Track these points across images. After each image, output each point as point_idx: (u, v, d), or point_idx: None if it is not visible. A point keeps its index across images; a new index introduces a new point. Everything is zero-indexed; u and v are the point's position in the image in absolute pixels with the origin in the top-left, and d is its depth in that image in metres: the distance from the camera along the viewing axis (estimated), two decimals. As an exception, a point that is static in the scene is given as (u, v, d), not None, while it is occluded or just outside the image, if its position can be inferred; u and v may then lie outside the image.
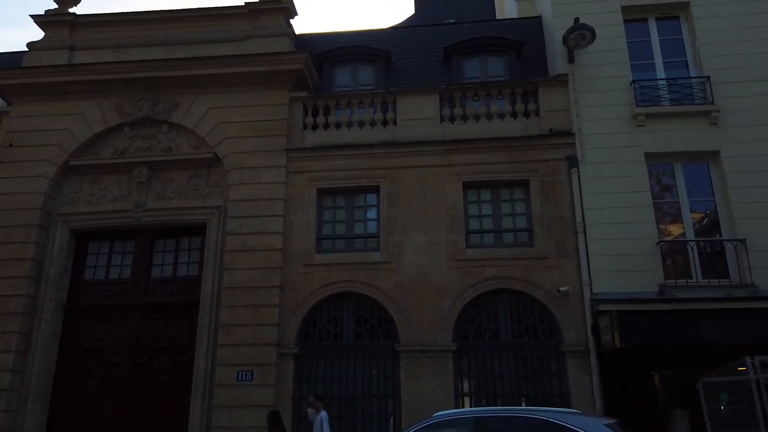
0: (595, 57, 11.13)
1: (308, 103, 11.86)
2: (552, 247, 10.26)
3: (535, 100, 11.24)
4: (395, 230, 10.73)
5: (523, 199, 10.81)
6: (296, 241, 10.88)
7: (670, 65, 11.32)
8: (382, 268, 10.53)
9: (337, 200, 11.36)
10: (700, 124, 10.50)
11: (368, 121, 11.56)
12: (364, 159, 11.24)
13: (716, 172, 10.40)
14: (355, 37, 13.63)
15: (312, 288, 10.58)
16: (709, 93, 10.63)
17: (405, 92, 11.64)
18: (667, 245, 10.07)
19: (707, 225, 10.41)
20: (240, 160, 11.39)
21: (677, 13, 11.56)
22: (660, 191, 10.60)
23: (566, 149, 10.76)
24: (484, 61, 12.60)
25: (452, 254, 10.43)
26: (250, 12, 12.51)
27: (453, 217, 10.67)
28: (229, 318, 10.41)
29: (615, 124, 10.71)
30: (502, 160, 10.88)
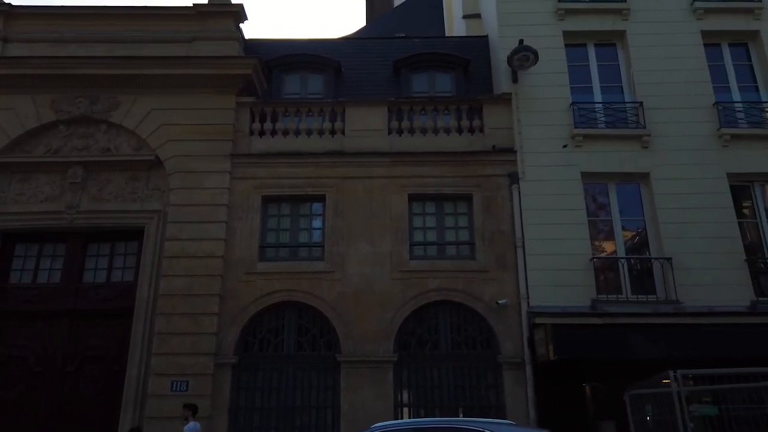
0: (537, 78, 11.55)
1: (255, 108, 11.72)
2: (492, 261, 10.52)
3: (479, 117, 11.54)
4: (340, 240, 10.73)
5: (466, 213, 11.05)
6: (238, 249, 10.69)
7: (606, 89, 11.87)
8: (325, 277, 10.49)
9: (282, 208, 11.25)
10: (632, 146, 11.05)
11: (316, 129, 11.54)
12: (311, 168, 11.20)
13: (646, 193, 10.97)
14: (305, 46, 13.61)
15: (253, 297, 10.41)
16: (641, 118, 11.21)
17: (354, 103, 11.69)
18: (599, 261, 10.52)
19: (638, 243, 10.95)
20: (183, 163, 11.11)
21: (614, 41, 12.16)
22: (595, 209, 11.08)
23: (508, 166, 11.08)
24: (432, 77, 12.84)
25: (396, 265, 10.52)
26: (198, 14, 12.28)
27: (398, 229, 10.77)
28: (165, 326, 10.09)
29: (554, 144, 11.13)
30: (446, 174, 11.09)
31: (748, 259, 10.28)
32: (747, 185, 10.99)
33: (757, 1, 11.92)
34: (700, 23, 11.90)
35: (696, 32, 11.83)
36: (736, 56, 11.98)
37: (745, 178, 10.92)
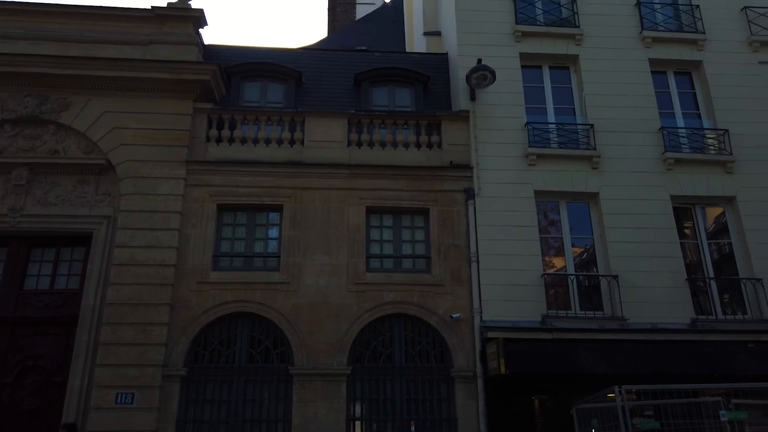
0: (494, 97, 11.83)
1: (213, 115, 11.56)
2: (447, 275, 10.66)
3: (438, 133, 11.72)
4: (296, 251, 10.65)
5: (423, 226, 11.17)
6: (191, 257, 10.47)
7: (560, 111, 12.26)
8: (280, 288, 10.38)
9: (237, 217, 11.09)
10: (583, 167, 11.45)
11: (275, 139, 11.46)
12: (269, 177, 11.10)
13: (595, 212, 11.36)
14: (266, 54, 13.52)
15: (205, 307, 10.20)
16: (592, 139, 11.64)
17: (314, 113, 11.69)
18: (550, 277, 10.81)
19: (587, 259, 11.31)
20: (135, 168, 10.83)
21: (568, 64, 12.60)
22: (547, 226, 11.40)
23: (464, 182, 11.28)
24: (393, 91, 12.97)
25: (352, 277, 10.52)
26: (157, 16, 12.03)
27: (355, 241, 10.78)
28: (110, 336, 9.75)
29: (509, 162, 11.41)
30: (404, 187, 11.20)
31: (689, 278, 10.77)
32: (689, 207, 11.54)
33: (701, 33, 12.60)
34: (647, 51, 12.48)
35: (644, 60, 12.40)
36: (680, 84, 12.61)
37: (687, 201, 11.47)
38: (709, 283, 10.95)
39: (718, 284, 10.98)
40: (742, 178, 11.44)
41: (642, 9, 12.77)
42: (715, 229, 11.61)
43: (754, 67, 12.42)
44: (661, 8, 13.00)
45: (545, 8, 12.84)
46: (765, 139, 11.75)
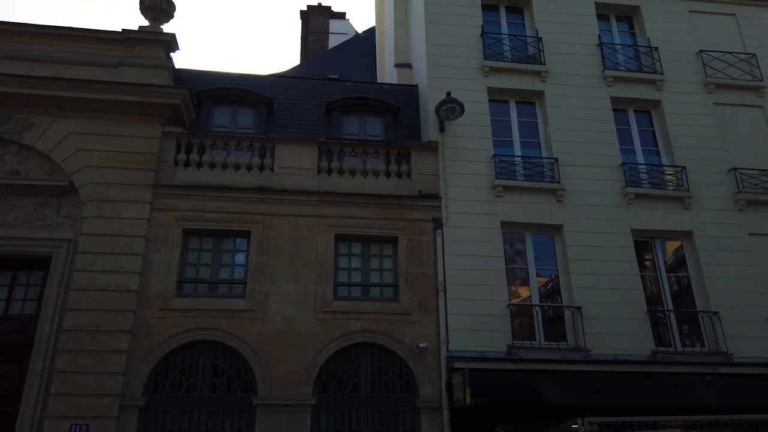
0: (463, 129, 12.08)
1: (182, 139, 11.47)
2: (415, 304, 10.68)
3: (407, 162, 11.87)
4: (263, 278, 10.54)
5: (392, 255, 11.21)
6: (154, 283, 10.25)
7: (526, 144, 12.58)
8: (245, 316, 10.22)
9: (204, 242, 10.94)
10: (548, 199, 11.72)
11: (245, 164, 11.41)
12: (237, 202, 11.02)
13: (559, 244, 11.60)
14: (238, 80, 13.55)
15: (167, 334, 9.95)
16: (556, 172, 11.95)
17: (285, 140, 11.71)
18: (515, 308, 10.94)
19: (552, 289, 11.50)
20: (99, 191, 10.62)
21: (534, 100, 12.98)
22: (513, 255, 11.57)
23: (433, 211, 11.40)
24: (364, 120, 13.12)
25: (319, 305, 10.45)
26: (127, 39, 11.96)
27: (323, 268, 10.73)
28: (66, 364, 9.41)
29: (477, 192, 11.60)
30: (373, 216, 11.26)
31: (649, 310, 11.04)
32: (649, 241, 11.90)
33: (659, 74, 13.17)
34: (609, 89, 12.96)
35: (606, 97, 12.87)
36: (640, 122, 13.10)
37: (647, 234, 11.82)
38: (668, 316, 11.24)
39: (677, 316, 11.28)
40: (698, 213, 11.87)
41: (604, 49, 13.31)
42: (674, 262, 11.97)
43: (709, 108, 13.02)
44: (622, 49, 13.57)
45: (512, 45, 13.26)
46: (720, 177, 12.26)
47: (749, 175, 12.25)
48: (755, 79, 13.38)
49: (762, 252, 11.69)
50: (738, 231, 11.81)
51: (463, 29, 13.12)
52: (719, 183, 12.20)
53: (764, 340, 10.89)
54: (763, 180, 12.24)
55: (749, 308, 11.10)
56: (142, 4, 12.29)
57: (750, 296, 11.20)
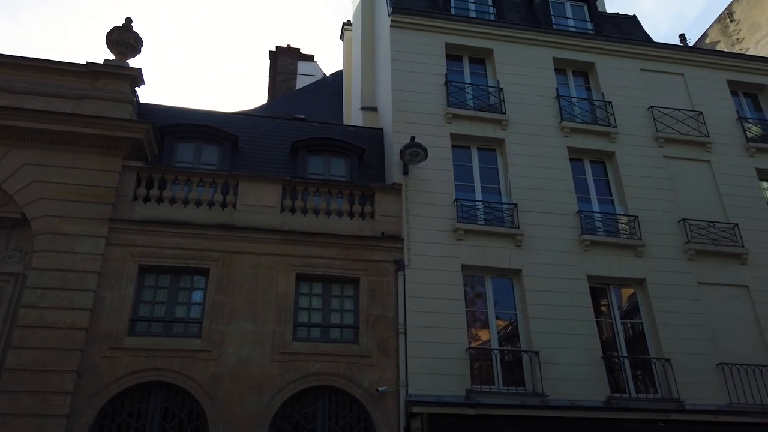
0: (426, 173, 12.31)
1: (143, 173, 11.31)
2: (375, 346, 10.59)
3: (371, 204, 11.96)
4: (220, 317, 10.31)
5: (353, 296, 11.15)
6: (106, 321, 9.90)
7: (486, 189, 12.87)
8: (200, 356, 9.93)
9: (160, 279, 10.68)
10: (507, 244, 11.95)
11: (206, 201, 11.30)
12: (197, 239, 10.85)
13: (518, 288, 11.78)
14: (204, 116, 13.53)
15: (117, 375, 9.56)
16: (516, 218, 12.22)
17: (249, 177, 11.68)
18: (475, 352, 10.97)
19: (511, 333, 11.60)
20: (53, 225, 10.30)
21: (495, 147, 13.37)
22: (474, 298, 11.67)
23: (395, 253, 11.46)
24: (329, 160, 13.23)
25: (277, 346, 10.25)
26: (91, 72, 11.87)
27: (282, 308, 10.58)
28: (6, 405, 8.91)
29: (438, 235, 11.75)
30: (336, 256, 11.23)
31: (604, 355, 11.23)
32: (604, 287, 12.20)
33: (613, 127, 13.79)
34: (566, 140, 13.48)
35: (563, 147, 13.36)
36: (596, 172, 13.61)
37: (602, 281, 12.13)
38: (622, 362, 11.45)
39: (630, 362, 11.50)
40: (651, 262, 12.28)
41: (561, 101, 13.89)
42: (629, 309, 12.29)
43: (660, 161, 13.65)
44: (578, 102, 14.20)
45: (475, 94, 13.71)
46: (671, 227, 12.76)
47: (698, 226, 12.80)
48: (702, 135, 14.13)
49: (710, 300, 12.12)
50: (687, 279, 12.24)
51: (427, 77, 13.52)
52: (670, 233, 12.70)
53: (714, 387, 11.18)
54: (711, 231, 12.81)
55: (699, 355, 11.41)
56: (109, 38, 12.27)
57: (700, 344, 11.54)
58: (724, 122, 14.50)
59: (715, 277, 12.39)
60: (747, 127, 14.59)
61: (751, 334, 11.92)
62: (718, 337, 11.73)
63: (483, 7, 16.06)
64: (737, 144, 14.26)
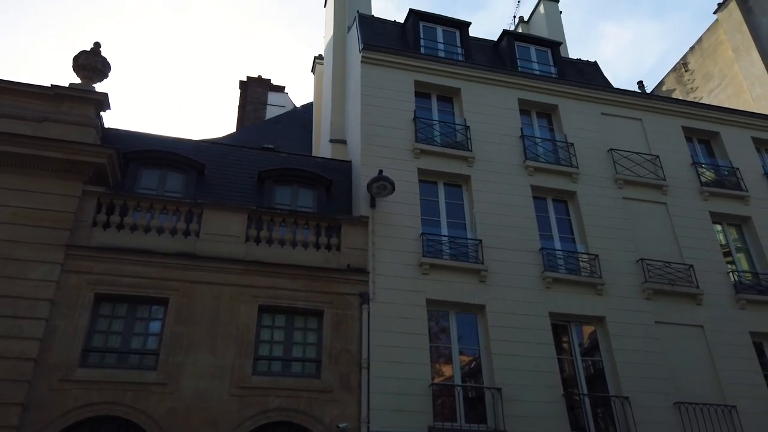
0: (393, 206, 12.38)
1: (104, 199, 11.06)
2: (337, 381, 10.41)
3: (337, 236, 11.93)
4: (178, 349, 10.00)
5: (316, 329, 10.99)
6: (57, 351, 9.49)
7: (452, 225, 13.01)
8: (155, 390, 9.58)
9: (117, 308, 10.34)
10: (472, 279, 12.03)
11: (169, 228, 11.08)
12: (157, 268, 10.59)
13: (482, 324, 11.82)
14: (170, 143, 13.37)
15: (65, 408, 9.13)
16: (480, 254, 12.35)
17: (213, 206, 11.52)
18: (438, 388, 10.89)
19: (475, 369, 11.58)
20: (6, 249, 9.93)
21: (461, 183, 13.58)
22: (438, 332, 11.65)
23: (360, 285, 11.40)
24: (296, 191, 13.18)
25: (236, 380, 9.97)
26: (56, 95, 11.66)
27: (243, 341, 10.34)
28: (-58, 441, 8.39)
29: (404, 269, 11.76)
30: (300, 288, 11.10)
31: (565, 393, 11.30)
32: (566, 324, 12.35)
33: (575, 168, 14.19)
34: (530, 178, 13.79)
35: (527, 186, 13.66)
36: (558, 210, 13.93)
37: (563, 318, 12.29)
38: (583, 399, 11.53)
39: (591, 400, 11.59)
40: (610, 300, 12.52)
41: (525, 141, 14.27)
42: (589, 346, 12.44)
43: (619, 201, 14.07)
44: (542, 142, 14.61)
45: (442, 131, 13.97)
46: (629, 266, 13.08)
47: (655, 266, 13.16)
48: (659, 179, 14.67)
49: (667, 339, 12.39)
50: (645, 318, 12.50)
51: (396, 112, 13.74)
52: (628, 272, 13.01)
53: (671, 426, 11.34)
54: (668, 271, 13.18)
55: (657, 394, 11.59)
56: (76, 62, 12.13)
57: (658, 382, 11.73)
58: (679, 166, 15.10)
59: (671, 317, 12.69)
60: (701, 172, 15.22)
61: (706, 373, 12.19)
62: (675, 376, 11.95)
63: (452, 47, 16.53)
64: (692, 188, 14.84)
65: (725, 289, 13.35)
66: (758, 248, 14.47)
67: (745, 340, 12.78)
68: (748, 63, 22.68)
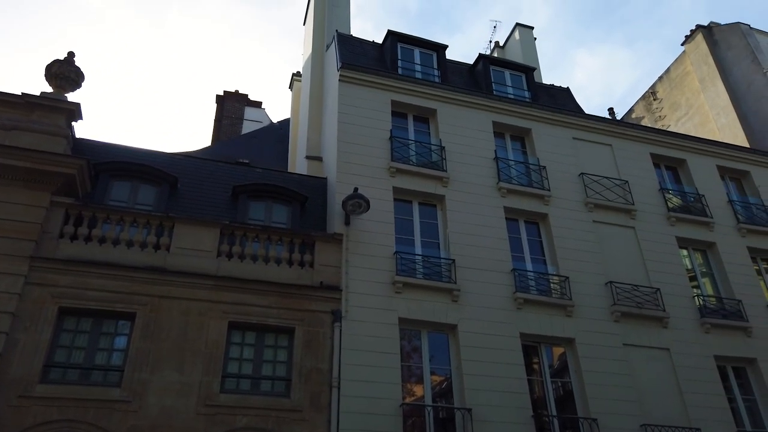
0: (368, 224, 12.39)
1: (72, 210, 10.82)
2: (306, 400, 10.27)
3: (311, 252, 11.86)
4: (144, 365, 9.76)
5: (287, 346, 10.86)
6: (16, 366, 9.18)
7: (426, 244, 13.06)
8: (119, 407, 9.31)
9: (81, 323, 10.07)
10: (444, 299, 12.06)
11: (139, 242, 10.88)
12: (125, 282, 10.37)
13: (453, 343, 11.83)
14: (143, 155, 13.20)
15: (23, 426, 8.81)
16: (453, 273, 12.41)
17: (185, 220, 11.37)
18: (408, 408, 10.83)
19: (445, 389, 11.55)
20: (-33, 260, 9.62)
21: (435, 203, 13.67)
22: (410, 352, 11.61)
23: (333, 303, 11.32)
24: (270, 207, 13.10)
25: (204, 398, 9.76)
26: (26, 103, 11.44)
27: (212, 358, 10.15)
28: None
29: (377, 287, 11.74)
30: (272, 304, 10.97)
31: (534, 414, 11.33)
32: (536, 345, 12.44)
33: (547, 191, 14.43)
34: (503, 200, 13.97)
35: (500, 207, 13.82)
36: (530, 232, 14.11)
37: (534, 339, 12.38)
38: (552, 421, 11.58)
39: (560, 422, 11.64)
40: (580, 322, 12.68)
41: (499, 163, 14.48)
42: (559, 368, 12.54)
43: (589, 225, 14.33)
44: (515, 165, 14.83)
45: (418, 151, 14.10)
46: (598, 289, 13.28)
47: (623, 289, 13.39)
48: (628, 203, 15.00)
49: (635, 362, 12.56)
50: (614, 341, 12.67)
51: (373, 131, 13.83)
52: (598, 294, 13.20)
53: (637, 447, 11.45)
54: (635, 294, 13.42)
55: (624, 416, 11.71)
56: (49, 71, 11.94)
57: (625, 404, 11.86)
58: (647, 192, 15.48)
59: (639, 339, 12.89)
60: (668, 198, 15.62)
61: (672, 396, 12.38)
62: (642, 399, 12.10)
63: (429, 69, 16.77)
64: (659, 213, 15.21)
65: (691, 313, 13.64)
66: (722, 273, 14.86)
67: (709, 363, 13.04)
68: (713, 94, 23.51)
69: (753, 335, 13.77)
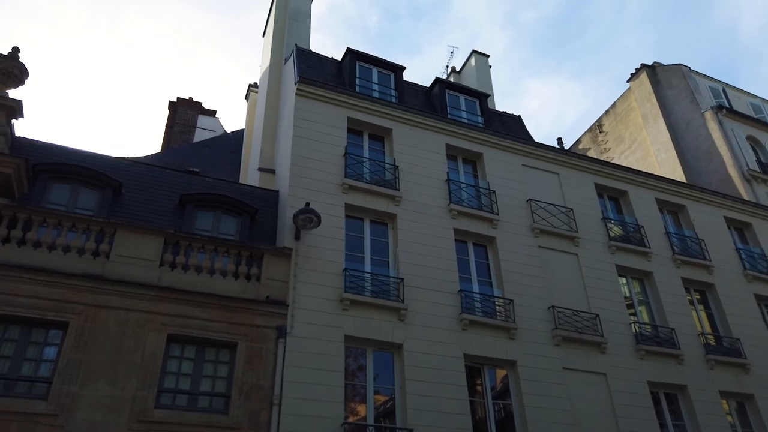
0: (318, 240, 12.30)
1: (6, 212, 10.28)
2: (246, 418, 10.00)
3: (258, 266, 11.64)
4: (74, 377, 9.29)
5: (228, 362, 10.57)
6: (-69, 375, 8.56)
7: (376, 262, 13.06)
8: (44, 422, 8.81)
9: (9, 331, 9.52)
10: (391, 317, 12.05)
11: (76, 248, 10.41)
12: (58, 289, 9.88)
13: (398, 362, 11.81)
14: (86, 158, 12.71)
15: (-66, 440, 8.21)
16: (401, 292, 12.43)
17: (127, 226, 10.97)
18: (350, 427, 10.69)
19: (390, 408, 11.47)
20: None
21: (386, 221, 13.72)
22: (355, 371, 11.51)
23: (278, 318, 11.12)
24: (218, 217, 12.83)
25: (137, 414, 9.35)
26: (-36, 97, 10.89)
27: (148, 371, 9.76)
28: None
29: (324, 304, 11.62)
30: (214, 318, 10.68)
31: (475, 435, 11.42)
32: (479, 366, 12.57)
33: (495, 215, 14.72)
34: (453, 221, 14.16)
35: (450, 228, 14.00)
36: (478, 254, 14.33)
37: (477, 360, 12.50)
38: (492, 442, 11.67)
39: (499, 443, 11.75)
40: (522, 345, 12.90)
41: (451, 185, 14.69)
42: (502, 390, 12.69)
43: (535, 250, 14.68)
44: (466, 188, 15.08)
45: (372, 169, 14.15)
46: (541, 312, 13.58)
47: (565, 314, 13.74)
48: (572, 230, 15.47)
49: (573, 386, 12.85)
50: (554, 364, 12.95)
51: (327, 146, 13.81)
52: (540, 318, 13.49)
53: (573, 469, 11.66)
54: (576, 319, 13.79)
55: (561, 438, 11.92)
56: (-9, 65, 11.40)
57: (563, 428, 12.08)
58: (590, 220, 16.02)
59: (578, 364, 13.22)
60: (610, 227, 16.21)
61: (608, 420, 12.70)
62: (579, 422, 12.36)
63: (386, 89, 16.94)
64: (601, 241, 15.75)
65: (627, 339, 14.11)
66: (658, 302, 15.47)
67: (643, 389, 13.49)
68: (655, 130, 24.73)
69: (685, 363, 14.35)
